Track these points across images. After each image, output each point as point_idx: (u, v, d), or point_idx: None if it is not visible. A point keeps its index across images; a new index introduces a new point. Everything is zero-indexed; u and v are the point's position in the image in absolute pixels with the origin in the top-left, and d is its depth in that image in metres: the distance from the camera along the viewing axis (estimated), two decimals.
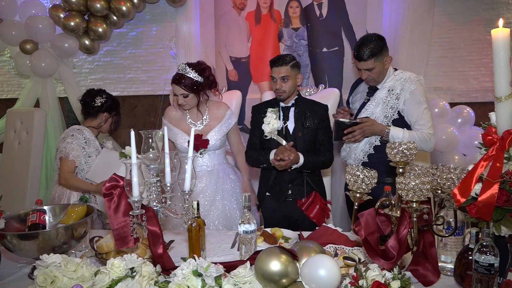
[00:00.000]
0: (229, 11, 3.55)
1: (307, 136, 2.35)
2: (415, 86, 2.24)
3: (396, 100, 2.25)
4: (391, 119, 2.27)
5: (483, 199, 1.20)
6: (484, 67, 3.51)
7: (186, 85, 2.38)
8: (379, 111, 2.27)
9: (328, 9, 3.43)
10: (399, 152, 1.39)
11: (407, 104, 2.24)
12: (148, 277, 1.30)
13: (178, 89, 2.40)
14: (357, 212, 1.45)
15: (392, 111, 2.26)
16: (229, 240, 1.92)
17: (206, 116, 2.53)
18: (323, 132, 2.39)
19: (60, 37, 3.53)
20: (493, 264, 1.22)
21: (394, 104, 2.26)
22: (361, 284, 1.23)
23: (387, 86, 2.28)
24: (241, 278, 1.29)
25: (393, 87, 2.26)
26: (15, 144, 3.44)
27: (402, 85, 2.25)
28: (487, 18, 3.44)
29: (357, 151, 2.34)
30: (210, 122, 2.52)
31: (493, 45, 1.26)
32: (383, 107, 2.27)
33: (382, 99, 2.28)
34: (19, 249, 1.54)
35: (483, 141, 1.35)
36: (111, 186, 1.46)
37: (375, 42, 2.22)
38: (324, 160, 2.35)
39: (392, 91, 2.26)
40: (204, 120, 2.52)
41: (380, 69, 2.26)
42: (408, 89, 2.24)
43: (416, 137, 2.20)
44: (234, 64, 3.60)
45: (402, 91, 2.24)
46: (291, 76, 2.31)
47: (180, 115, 2.54)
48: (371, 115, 2.28)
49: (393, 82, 2.28)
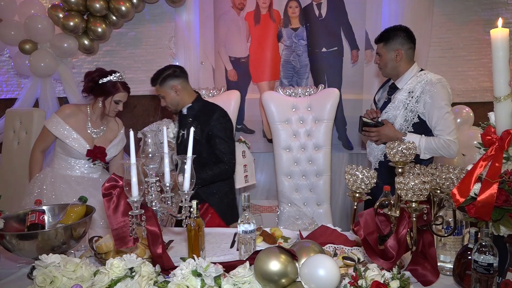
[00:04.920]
0: (228, 11, 3.55)
1: (203, 145, 2.39)
2: (436, 89, 2.14)
3: (416, 103, 2.17)
4: (411, 123, 2.21)
5: (482, 199, 1.20)
6: (483, 67, 3.52)
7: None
8: (400, 114, 2.22)
9: (327, 9, 3.43)
10: (398, 152, 1.39)
11: (427, 108, 2.15)
12: (147, 277, 1.30)
13: (126, 97, 2.48)
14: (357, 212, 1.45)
15: (412, 114, 2.19)
16: (229, 240, 1.92)
17: (104, 127, 2.56)
18: (219, 138, 2.40)
19: (59, 37, 3.53)
20: (492, 264, 1.22)
21: (414, 108, 2.18)
22: (360, 284, 1.23)
23: (407, 88, 2.22)
24: (241, 278, 1.29)
25: (413, 89, 2.19)
26: (14, 144, 3.43)
27: (422, 88, 2.16)
28: (486, 18, 3.45)
29: (377, 150, 2.34)
30: (106, 134, 2.56)
31: (492, 45, 1.26)
32: (403, 110, 2.21)
33: (402, 101, 2.21)
34: (18, 249, 1.54)
35: (482, 141, 1.35)
36: (110, 186, 1.46)
37: (391, 29, 2.26)
38: (216, 173, 2.38)
39: (412, 93, 2.19)
40: (102, 130, 2.54)
41: (387, 59, 2.24)
42: (428, 92, 2.14)
43: (434, 144, 2.13)
44: (233, 64, 3.60)
45: (422, 94, 2.16)
46: (164, 93, 2.46)
47: (79, 119, 2.49)
48: (392, 118, 2.24)
49: (414, 84, 2.20)
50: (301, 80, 3.55)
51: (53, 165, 2.52)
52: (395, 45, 2.24)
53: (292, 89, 3.20)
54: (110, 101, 2.43)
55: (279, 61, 3.55)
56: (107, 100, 2.43)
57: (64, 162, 2.50)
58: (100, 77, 2.41)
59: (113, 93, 2.41)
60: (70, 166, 2.50)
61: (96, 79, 2.41)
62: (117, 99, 2.44)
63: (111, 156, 2.56)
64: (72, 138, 2.43)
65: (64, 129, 2.44)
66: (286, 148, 3.16)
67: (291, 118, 3.16)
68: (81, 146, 2.44)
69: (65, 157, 2.49)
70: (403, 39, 2.25)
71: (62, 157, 2.50)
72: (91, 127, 2.50)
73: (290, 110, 3.16)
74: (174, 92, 2.44)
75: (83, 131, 2.47)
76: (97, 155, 2.46)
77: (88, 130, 2.49)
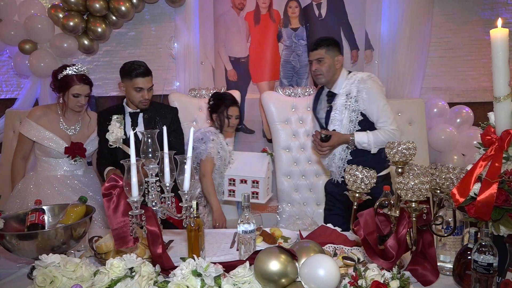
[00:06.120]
0: (228, 11, 3.55)
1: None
2: (369, 84, 2.24)
3: (355, 102, 2.26)
4: (356, 122, 2.28)
5: (482, 199, 1.20)
6: (482, 67, 3.52)
7: (91, 84, 2.44)
8: (345, 117, 2.28)
9: (327, 9, 3.43)
10: (398, 152, 1.39)
11: (366, 104, 2.24)
12: (147, 277, 1.30)
13: (85, 89, 2.41)
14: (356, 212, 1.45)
15: (355, 114, 2.27)
16: (228, 240, 1.92)
17: (80, 123, 2.54)
18: (174, 135, 2.40)
19: (59, 37, 3.53)
20: (492, 264, 1.22)
21: (355, 107, 2.26)
22: (360, 284, 1.24)
23: (344, 92, 2.29)
24: (241, 278, 1.29)
25: (350, 91, 2.27)
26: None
27: (357, 87, 2.26)
28: (486, 18, 3.45)
29: (336, 160, 2.36)
30: (83, 129, 2.54)
31: (492, 45, 1.26)
32: (346, 112, 2.28)
33: (342, 105, 2.28)
34: (18, 249, 1.54)
35: (482, 141, 1.35)
36: (110, 186, 1.46)
37: (330, 39, 2.33)
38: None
39: (349, 94, 2.27)
40: (77, 127, 2.52)
41: (329, 64, 2.29)
42: (363, 89, 2.24)
43: (381, 137, 2.21)
44: (233, 64, 3.60)
45: (359, 93, 2.24)
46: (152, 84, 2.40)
47: (50, 119, 2.49)
48: (339, 123, 2.29)
49: (349, 86, 2.29)
50: (301, 80, 3.55)
51: (36, 168, 2.54)
52: (336, 51, 2.32)
53: (291, 89, 3.20)
54: (68, 95, 2.40)
55: (279, 61, 3.55)
56: (66, 94, 2.40)
57: (45, 163, 2.50)
58: (59, 72, 2.40)
59: (69, 86, 2.37)
60: (52, 167, 2.50)
61: (56, 75, 2.40)
62: (74, 93, 2.39)
63: (91, 151, 2.56)
64: (47, 138, 2.43)
65: (37, 131, 2.44)
66: (286, 148, 3.16)
67: (290, 118, 3.16)
68: (58, 145, 2.44)
69: (46, 159, 2.49)
70: (339, 47, 2.35)
71: (43, 159, 2.50)
72: (64, 124, 2.49)
73: (290, 110, 3.16)
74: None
75: (57, 129, 2.47)
76: (75, 151, 2.45)
77: (62, 128, 2.48)
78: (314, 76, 2.36)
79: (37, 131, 2.44)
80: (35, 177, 2.50)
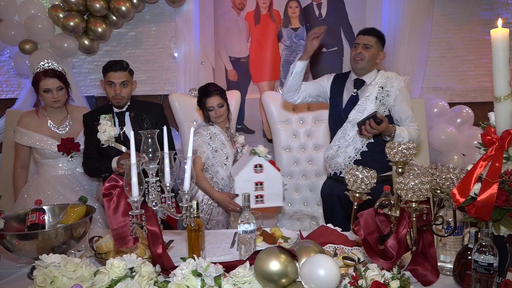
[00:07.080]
0: (229, 11, 3.55)
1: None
2: (403, 83, 2.33)
3: (387, 97, 2.30)
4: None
5: (482, 199, 1.21)
6: (483, 67, 3.52)
7: (61, 76, 2.39)
8: (372, 107, 2.29)
9: (328, 9, 3.43)
10: (398, 152, 1.39)
11: (397, 101, 2.30)
12: (147, 277, 1.30)
13: (53, 82, 2.36)
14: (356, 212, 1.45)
15: (383, 108, 2.31)
16: (229, 240, 1.92)
17: (69, 120, 2.53)
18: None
19: (59, 37, 3.53)
20: (492, 264, 1.22)
21: (386, 101, 2.30)
22: (360, 284, 1.24)
23: (378, 83, 2.32)
24: (241, 278, 1.29)
25: (384, 85, 2.31)
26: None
27: (391, 83, 2.31)
28: (486, 18, 3.45)
29: (349, 149, 2.33)
30: (74, 126, 2.52)
31: (492, 45, 1.26)
32: (376, 103, 2.29)
33: (374, 96, 2.30)
34: (19, 249, 1.54)
35: (482, 141, 1.35)
36: (110, 186, 1.46)
37: (381, 33, 2.38)
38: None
39: (384, 88, 2.31)
40: (67, 125, 2.52)
41: (374, 54, 2.32)
42: (397, 86, 2.30)
43: (414, 134, 2.26)
44: (233, 64, 3.60)
45: (392, 88, 2.30)
46: (129, 81, 2.35)
47: (38, 122, 2.49)
48: (362, 110, 2.30)
49: (383, 79, 2.33)
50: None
51: (39, 171, 2.58)
52: (382, 46, 2.37)
53: None
54: (41, 92, 2.40)
55: (279, 61, 3.55)
56: (39, 93, 2.41)
57: (46, 165, 2.53)
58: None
59: (38, 84, 2.37)
60: (52, 167, 2.52)
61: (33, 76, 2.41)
62: (44, 88, 2.38)
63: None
64: (39, 140, 2.45)
65: (29, 136, 2.46)
66: (286, 148, 3.16)
67: (291, 118, 3.16)
68: (51, 145, 2.45)
69: (45, 161, 2.52)
70: (384, 44, 2.39)
71: (42, 162, 2.53)
72: (53, 124, 2.50)
73: (290, 110, 3.16)
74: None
75: (46, 130, 2.48)
76: (67, 146, 2.45)
77: (52, 127, 2.50)
78: (354, 58, 2.35)
79: (28, 137, 2.47)
80: (36, 180, 2.53)
